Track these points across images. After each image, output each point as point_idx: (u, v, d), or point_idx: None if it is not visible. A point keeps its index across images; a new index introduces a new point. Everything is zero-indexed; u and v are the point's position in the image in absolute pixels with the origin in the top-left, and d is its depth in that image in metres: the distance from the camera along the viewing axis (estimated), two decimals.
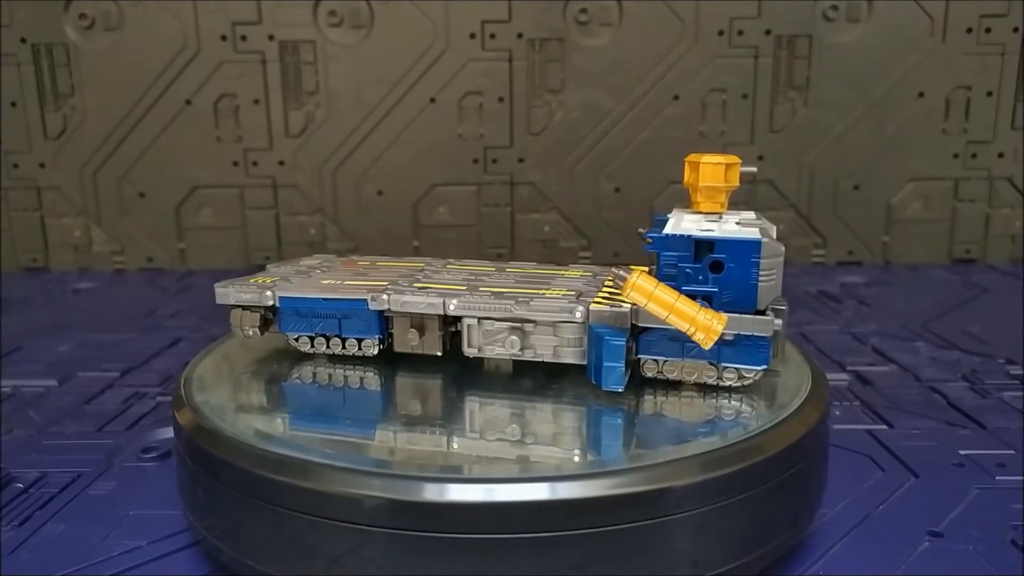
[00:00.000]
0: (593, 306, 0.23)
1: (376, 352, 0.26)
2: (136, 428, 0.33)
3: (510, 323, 0.24)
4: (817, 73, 0.58)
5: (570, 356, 0.24)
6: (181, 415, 0.23)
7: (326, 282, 0.28)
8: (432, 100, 0.59)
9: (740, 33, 0.57)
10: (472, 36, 0.58)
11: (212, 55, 0.58)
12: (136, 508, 0.26)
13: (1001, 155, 0.59)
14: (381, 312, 0.26)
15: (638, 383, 0.24)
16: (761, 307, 0.22)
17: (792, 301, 0.50)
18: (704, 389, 0.24)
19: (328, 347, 0.27)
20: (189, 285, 0.57)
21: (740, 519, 0.20)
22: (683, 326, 0.22)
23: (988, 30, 0.57)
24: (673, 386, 0.24)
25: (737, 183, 0.24)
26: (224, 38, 0.58)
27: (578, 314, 0.23)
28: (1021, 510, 0.26)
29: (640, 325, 0.23)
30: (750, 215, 0.24)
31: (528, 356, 0.24)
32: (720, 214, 0.24)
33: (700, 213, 0.24)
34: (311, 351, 0.27)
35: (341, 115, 0.59)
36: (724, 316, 0.22)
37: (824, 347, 0.41)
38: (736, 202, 0.24)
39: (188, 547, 0.24)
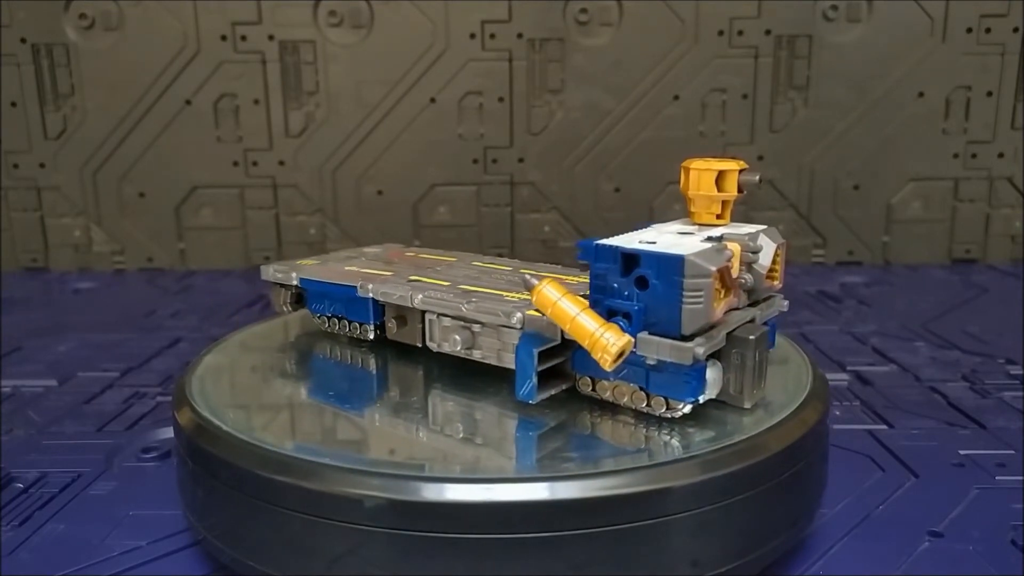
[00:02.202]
0: (529, 312, 0.22)
1: (372, 337, 0.27)
2: (136, 428, 0.33)
3: (462, 322, 0.24)
4: (817, 73, 0.58)
5: (512, 361, 0.23)
6: (181, 415, 0.23)
7: (348, 268, 0.29)
8: (432, 100, 0.59)
9: (740, 33, 0.57)
10: (472, 36, 0.58)
11: (212, 55, 0.58)
12: (136, 508, 0.26)
13: (1001, 155, 0.59)
14: (375, 300, 0.27)
15: (593, 400, 0.23)
16: (687, 332, 0.20)
17: (792, 301, 0.50)
18: (639, 416, 0.22)
19: (338, 328, 0.28)
20: (189, 285, 0.57)
21: (740, 519, 0.20)
22: (582, 342, 0.20)
23: (988, 30, 0.57)
24: (615, 408, 0.22)
25: (735, 192, 0.23)
26: (224, 38, 0.58)
27: (515, 319, 0.22)
28: (1021, 510, 0.26)
29: (568, 338, 0.21)
30: (748, 229, 0.23)
31: (476, 356, 0.24)
32: (714, 226, 0.23)
33: (693, 224, 0.23)
34: (327, 330, 0.29)
35: (341, 115, 0.59)
36: (627, 338, 0.20)
37: (824, 347, 0.41)
38: (736, 201, 0.24)
39: (188, 547, 0.24)
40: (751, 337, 0.21)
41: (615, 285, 0.21)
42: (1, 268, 0.62)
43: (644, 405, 0.22)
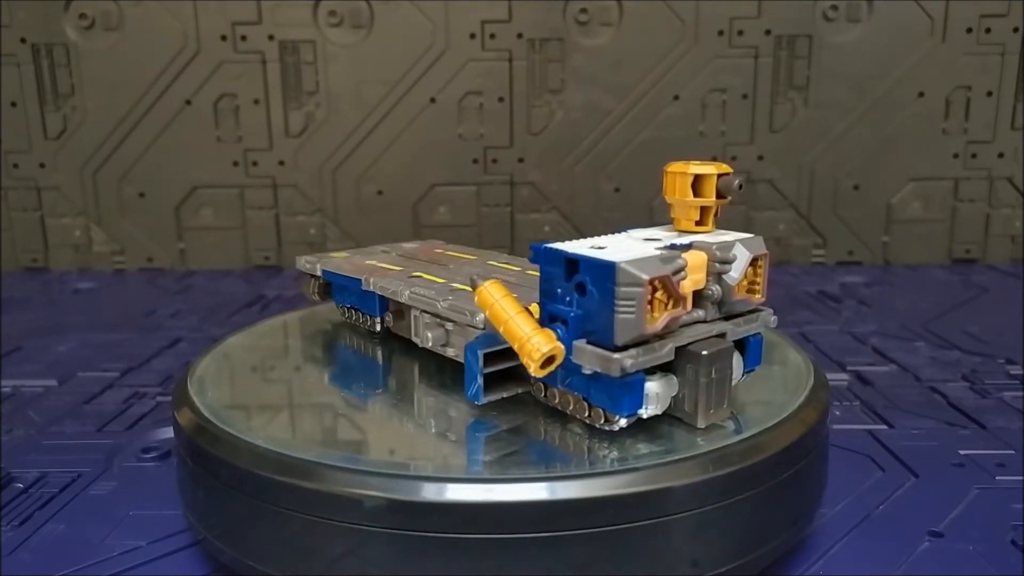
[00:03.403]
0: None
1: (379, 329, 0.28)
2: (136, 428, 0.33)
3: (438, 319, 0.24)
4: (817, 73, 0.58)
5: None
6: (181, 415, 0.23)
7: (368, 262, 0.30)
8: (432, 100, 0.59)
9: (740, 33, 0.57)
10: (472, 36, 0.58)
11: (212, 55, 0.58)
12: (136, 508, 0.26)
13: (1001, 155, 0.59)
14: (380, 294, 0.27)
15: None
16: (619, 342, 0.19)
17: (792, 301, 0.50)
18: (587, 425, 0.21)
19: (354, 319, 0.29)
20: (189, 285, 0.57)
21: (740, 519, 0.20)
22: (513, 344, 0.19)
23: (988, 30, 0.57)
24: (569, 417, 0.22)
25: (713, 197, 0.21)
26: (224, 38, 0.58)
27: (478, 319, 0.22)
28: (1021, 510, 0.26)
29: None
30: (726, 237, 0.21)
31: (451, 354, 0.24)
32: (693, 233, 0.22)
33: (673, 230, 0.22)
34: (346, 320, 0.30)
35: (341, 115, 0.59)
36: (555, 344, 0.19)
37: (824, 347, 0.41)
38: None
39: (188, 547, 0.24)
40: (704, 352, 0.20)
41: (559, 290, 0.20)
42: (1, 268, 0.62)
43: (586, 415, 0.21)
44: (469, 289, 0.25)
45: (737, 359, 0.22)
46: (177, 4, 0.57)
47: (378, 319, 0.28)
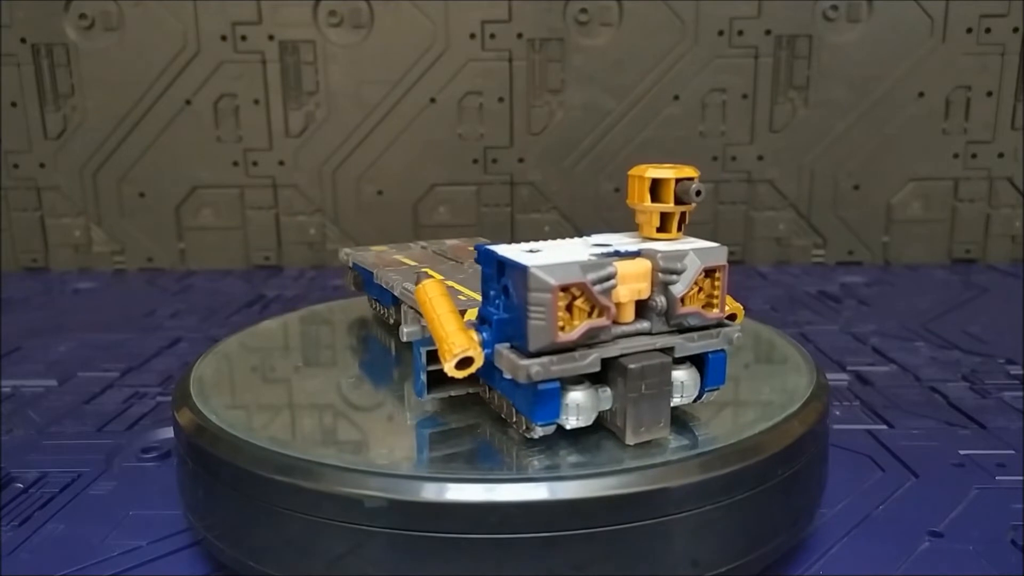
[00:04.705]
0: None
1: (392, 322, 0.29)
2: (136, 428, 0.33)
3: (420, 315, 0.24)
4: (817, 73, 0.58)
5: None
6: (181, 415, 0.23)
7: (394, 256, 0.30)
8: (432, 100, 0.59)
9: (740, 33, 0.57)
10: (472, 36, 0.58)
11: (212, 55, 0.58)
12: (136, 508, 0.26)
13: (1001, 155, 0.59)
14: (384, 287, 0.28)
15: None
16: (532, 348, 0.18)
17: (792, 301, 0.50)
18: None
19: (378, 310, 0.30)
20: (189, 285, 0.57)
21: (740, 519, 0.20)
22: (436, 343, 0.19)
23: (988, 30, 0.57)
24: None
25: (671, 203, 0.20)
26: (224, 38, 0.58)
27: None
28: (1021, 510, 0.26)
29: None
30: (684, 246, 0.20)
31: None
32: (650, 239, 0.21)
33: (637, 236, 0.21)
34: (373, 311, 0.31)
35: (341, 115, 0.59)
36: (470, 346, 0.19)
37: (824, 347, 0.41)
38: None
39: (188, 547, 0.24)
40: (631, 366, 0.19)
41: (491, 292, 0.20)
42: (1, 268, 0.62)
43: (513, 421, 0.20)
44: (463, 289, 0.25)
45: (694, 377, 0.21)
46: (177, 4, 0.57)
47: (391, 311, 0.29)
